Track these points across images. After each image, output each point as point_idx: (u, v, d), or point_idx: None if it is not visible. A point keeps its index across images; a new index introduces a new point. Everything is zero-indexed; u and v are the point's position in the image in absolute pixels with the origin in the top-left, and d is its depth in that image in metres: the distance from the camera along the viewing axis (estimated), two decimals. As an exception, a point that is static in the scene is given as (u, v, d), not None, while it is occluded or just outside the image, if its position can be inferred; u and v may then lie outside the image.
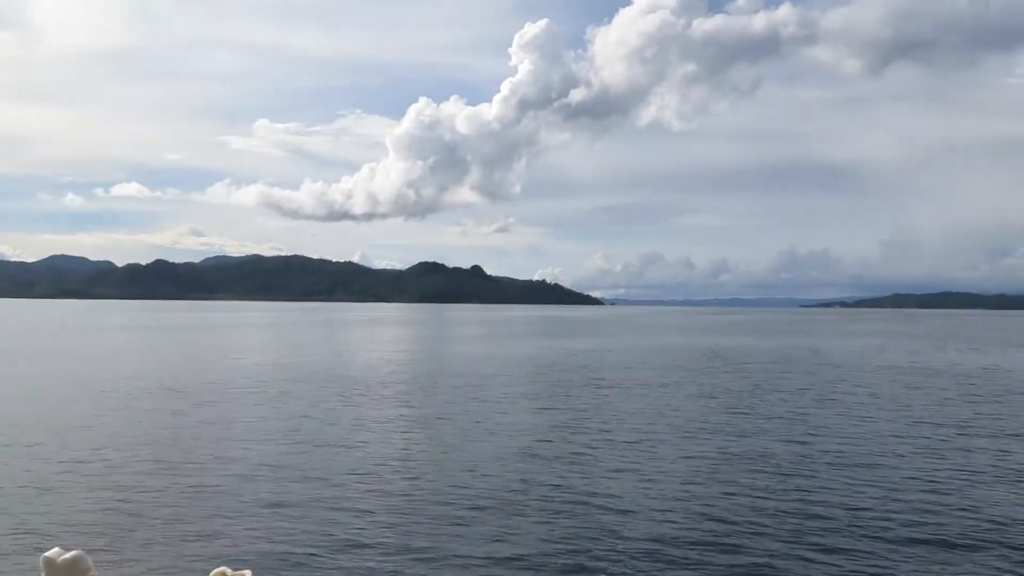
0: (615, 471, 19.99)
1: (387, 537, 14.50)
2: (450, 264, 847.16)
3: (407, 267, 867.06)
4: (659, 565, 13.26)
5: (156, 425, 26.19)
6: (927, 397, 36.17)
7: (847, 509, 16.57)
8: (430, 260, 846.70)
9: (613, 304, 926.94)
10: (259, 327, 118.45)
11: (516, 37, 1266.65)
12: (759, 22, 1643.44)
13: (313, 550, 13.71)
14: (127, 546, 13.72)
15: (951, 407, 32.69)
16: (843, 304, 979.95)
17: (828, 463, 21.12)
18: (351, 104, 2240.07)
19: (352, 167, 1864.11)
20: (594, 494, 17.62)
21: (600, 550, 13.91)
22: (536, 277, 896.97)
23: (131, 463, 20.22)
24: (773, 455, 22.15)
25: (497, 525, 15.33)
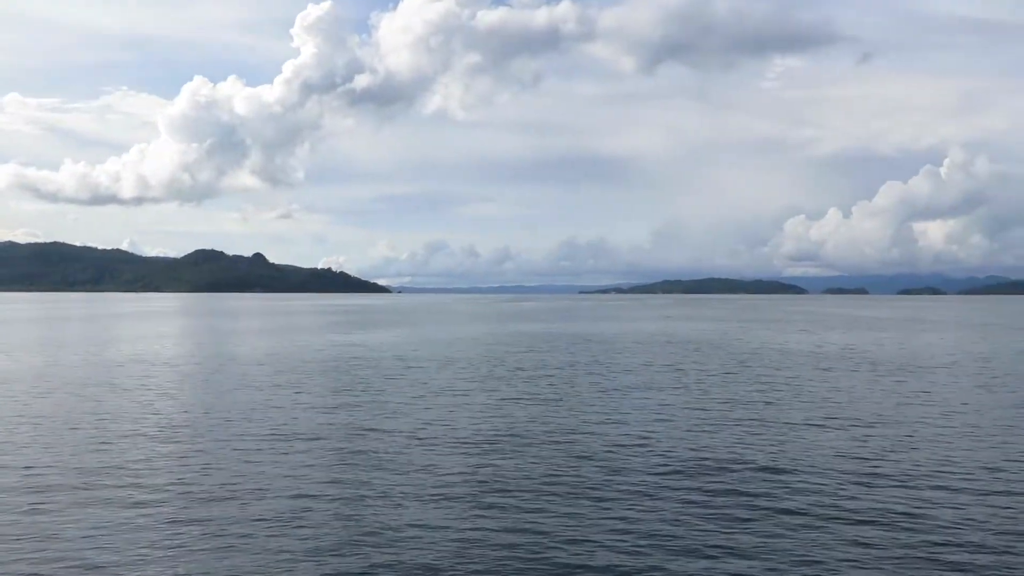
0: (404, 462, 20.55)
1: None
2: (229, 252, 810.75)
3: (182, 255, 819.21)
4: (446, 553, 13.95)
5: None
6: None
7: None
8: (207, 247, 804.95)
9: (400, 292, 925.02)
10: (6, 323, 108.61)
11: (298, 18, 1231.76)
12: (540, 17, 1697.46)
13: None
14: None
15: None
16: (618, 290, 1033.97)
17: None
18: (117, 80, 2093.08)
19: (119, 148, 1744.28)
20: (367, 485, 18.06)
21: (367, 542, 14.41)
22: (321, 265, 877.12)
23: None
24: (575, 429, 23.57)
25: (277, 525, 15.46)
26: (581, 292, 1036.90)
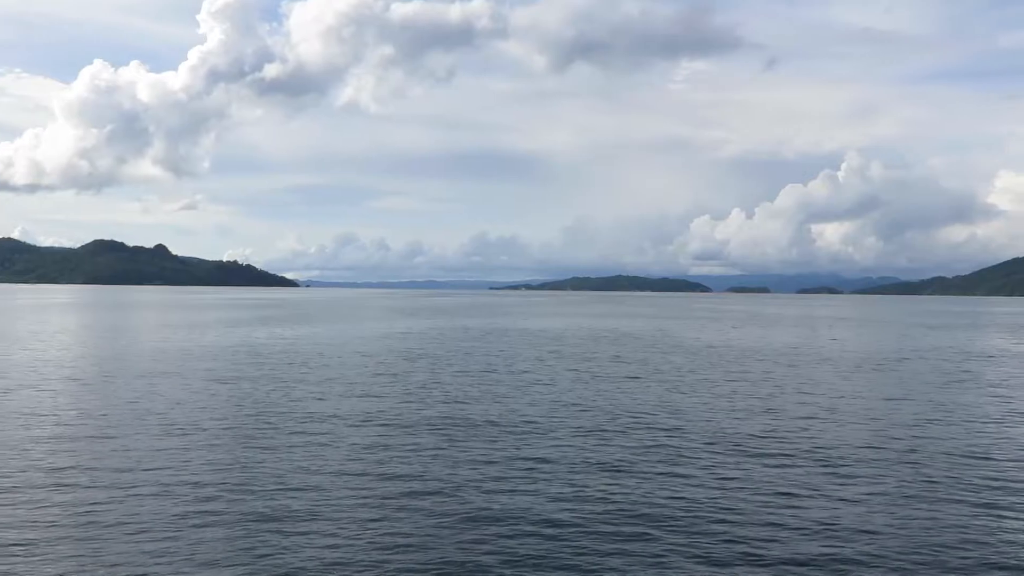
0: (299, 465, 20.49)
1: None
2: (130, 243, 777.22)
3: (79, 245, 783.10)
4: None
5: None
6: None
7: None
8: (107, 238, 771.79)
9: (308, 286, 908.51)
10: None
11: (205, 4, 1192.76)
12: (455, 12, 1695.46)
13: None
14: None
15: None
16: (528, 286, 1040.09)
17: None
18: (9, 62, 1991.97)
19: (11, 132, 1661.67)
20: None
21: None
22: (226, 258, 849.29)
23: None
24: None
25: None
26: (491, 288, 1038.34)
